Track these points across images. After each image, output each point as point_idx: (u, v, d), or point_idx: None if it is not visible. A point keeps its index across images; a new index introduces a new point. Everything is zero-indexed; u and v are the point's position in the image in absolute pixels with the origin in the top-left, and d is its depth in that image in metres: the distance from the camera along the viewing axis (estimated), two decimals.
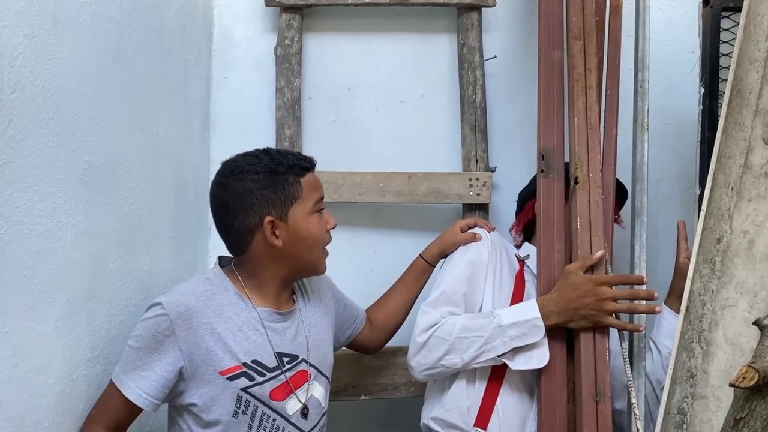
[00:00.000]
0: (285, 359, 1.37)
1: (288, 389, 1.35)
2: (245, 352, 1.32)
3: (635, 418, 1.40)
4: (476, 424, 1.46)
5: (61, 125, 1.22)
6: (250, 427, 1.32)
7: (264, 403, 1.33)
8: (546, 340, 1.43)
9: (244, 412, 1.31)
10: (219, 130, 2.06)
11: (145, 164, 1.57)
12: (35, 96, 1.14)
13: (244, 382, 1.31)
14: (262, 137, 2.04)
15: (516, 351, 1.42)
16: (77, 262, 1.28)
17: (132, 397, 1.27)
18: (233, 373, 1.30)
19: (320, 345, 1.45)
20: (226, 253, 1.46)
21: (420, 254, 1.70)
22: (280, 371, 1.35)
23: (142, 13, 1.55)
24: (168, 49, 1.72)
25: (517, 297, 1.57)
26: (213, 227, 2.04)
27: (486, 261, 1.58)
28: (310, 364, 1.41)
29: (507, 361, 1.43)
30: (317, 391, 1.42)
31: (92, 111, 1.32)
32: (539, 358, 1.42)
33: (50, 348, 1.19)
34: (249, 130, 2.05)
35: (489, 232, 1.67)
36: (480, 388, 1.48)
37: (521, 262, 1.66)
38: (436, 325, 1.46)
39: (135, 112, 1.52)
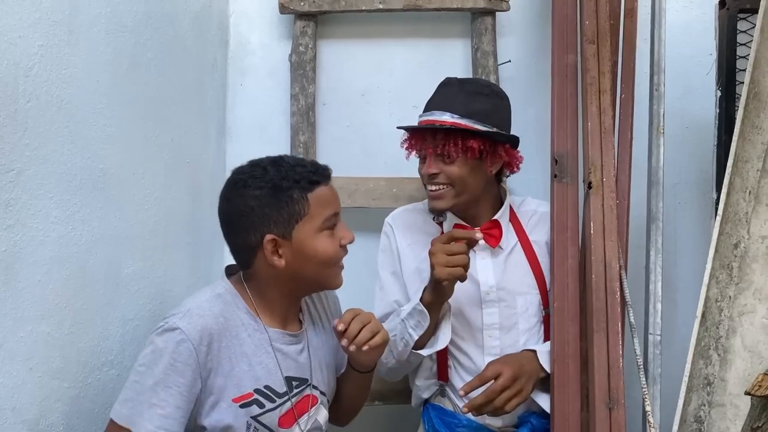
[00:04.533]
0: (294, 383, 1.31)
1: (293, 416, 1.30)
2: (257, 378, 1.26)
3: (650, 426, 1.38)
4: (439, 378, 1.57)
5: (76, 133, 1.24)
6: None
7: (271, 431, 1.28)
8: (445, 322, 1.48)
9: None
10: (235, 137, 2.08)
11: (160, 171, 1.59)
12: (50, 105, 1.16)
13: (255, 409, 1.25)
14: (278, 143, 2.05)
15: (425, 337, 1.47)
16: (92, 268, 1.30)
17: None
18: (245, 401, 1.24)
19: (324, 368, 1.39)
20: None
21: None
22: (287, 397, 1.29)
23: (158, 22, 1.57)
24: (183, 57, 1.74)
25: None
26: None
27: (391, 247, 1.65)
28: (314, 387, 1.35)
29: (419, 351, 1.48)
30: (321, 415, 1.37)
31: (107, 119, 1.34)
32: (442, 340, 1.48)
33: (65, 352, 1.21)
34: (264, 136, 2.07)
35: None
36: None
37: (440, 225, 1.63)
38: None
39: (150, 120, 1.54)
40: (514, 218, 1.62)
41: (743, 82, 1.55)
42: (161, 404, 1.16)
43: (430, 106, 1.56)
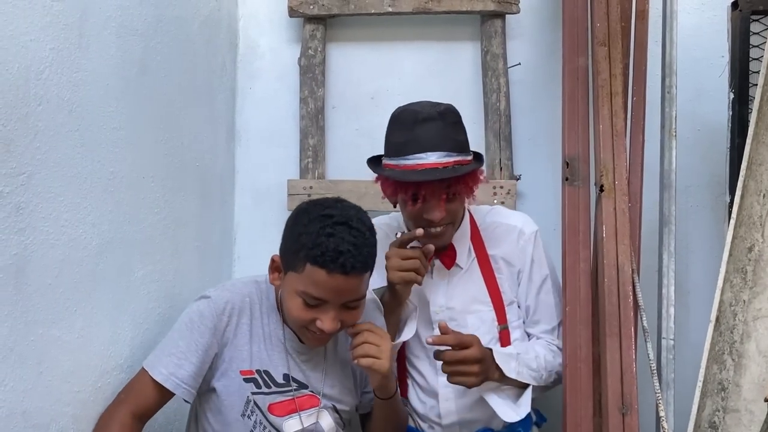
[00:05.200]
0: (293, 382, 1.38)
1: (292, 407, 1.36)
2: (261, 360, 1.35)
3: (664, 431, 1.37)
4: (402, 395, 1.58)
5: (86, 137, 1.24)
6: None
7: (263, 414, 1.35)
8: (410, 320, 1.48)
9: (249, 416, 1.34)
10: (244, 140, 2.08)
11: (170, 174, 1.59)
12: (61, 108, 1.16)
13: (252, 387, 1.34)
14: (287, 146, 2.06)
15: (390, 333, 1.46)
16: (102, 272, 1.29)
17: (168, 385, 1.28)
18: (248, 376, 1.34)
19: (337, 385, 1.43)
20: (251, 263, 1.47)
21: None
22: (287, 389, 1.36)
23: (168, 26, 1.57)
24: (193, 61, 1.74)
25: None
26: (237, 236, 2.08)
27: None
28: (324, 395, 1.40)
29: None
30: (325, 420, 1.40)
31: (117, 122, 1.34)
32: (405, 333, 1.48)
33: (75, 356, 1.21)
34: (273, 139, 2.07)
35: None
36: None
37: None
38: None
39: (160, 123, 1.54)
40: (475, 233, 1.60)
41: (756, 84, 1.53)
42: (178, 355, 1.30)
43: (418, 147, 1.43)
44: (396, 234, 1.49)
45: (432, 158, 1.42)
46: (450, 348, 1.40)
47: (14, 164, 1.04)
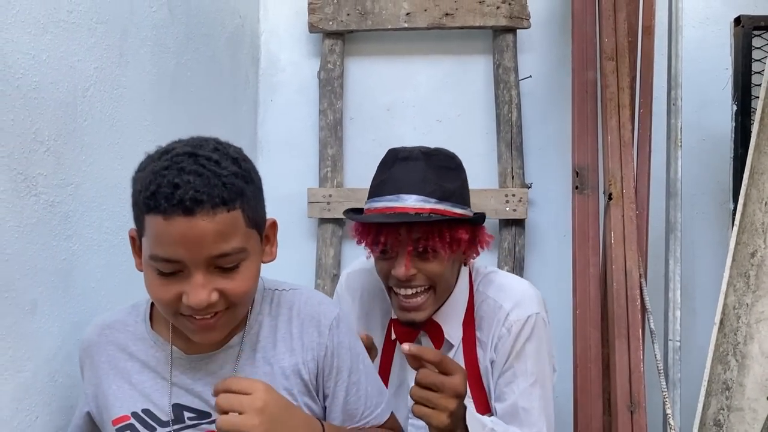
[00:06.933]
0: (187, 414, 0.99)
1: None
2: (138, 398, 1.00)
3: (671, 429, 1.43)
4: None
5: (125, 149, 1.32)
6: None
7: None
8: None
9: None
10: (266, 151, 2.16)
11: None
12: (103, 123, 1.24)
13: None
14: (306, 156, 2.13)
15: None
16: (140, 276, 1.36)
17: None
18: (120, 425, 0.99)
19: None
20: (271, 268, 1.43)
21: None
22: (169, 428, 0.98)
23: (196, 43, 1.66)
24: (219, 75, 1.82)
25: (386, 358, 1.32)
26: None
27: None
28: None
29: None
30: None
31: (152, 135, 1.43)
32: None
33: None
34: (294, 149, 2.15)
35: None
36: None
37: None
38: None
39: (190, 135, 1.62)
40: (469, 306, 1.27)
41: (758, 97, 1.60)
42: (79, 405, 1.08)
43: (392, 188, 1.18)
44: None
45: (408, 202, 1.15)
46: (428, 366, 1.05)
47: (63, 176, 1.13)
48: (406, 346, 1.03)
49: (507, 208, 1.99)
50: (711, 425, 1.48)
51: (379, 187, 1.21)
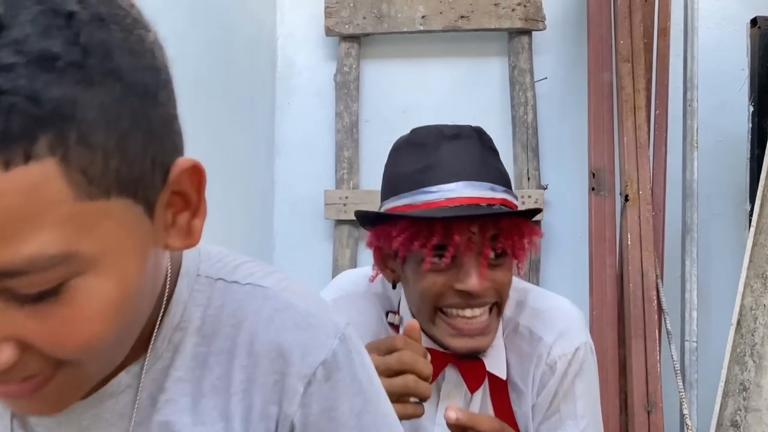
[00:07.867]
0: None
1: None
2: None
3: (688, 429, 1.44)
4: None
5: None
6: None
7: None
8: None
9: None
10: (283, 153, 2.18)
11: (217, 187, 1.68)
12: None
13: None
14: (323, 159, 2.16)
15: None
16: None
17: None
18: None
19: None
20: (288, 268, 1.42)
21: None
22: None
23: (215, 47, 1.68)
24: (237, 79, 1.85)
25: None
26: (277, 243, 2.18)
27: None
28: None
29: None
30: None
31: None
32: None
33: None
34: (310, 152, 2.17)
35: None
36: None
37: (396, 329, 1.00)
38: None
39: (209, 140, 1.65)
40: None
41: None
42: None
43: (447, 173, 0.89)
44: (386, 317, 0.98)
45: (467, 190, 0.88)
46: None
47: None
48: (452, 413, 0.81)
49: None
50: (728, 426, 1.49)
51: (423, 174, 0.89)
